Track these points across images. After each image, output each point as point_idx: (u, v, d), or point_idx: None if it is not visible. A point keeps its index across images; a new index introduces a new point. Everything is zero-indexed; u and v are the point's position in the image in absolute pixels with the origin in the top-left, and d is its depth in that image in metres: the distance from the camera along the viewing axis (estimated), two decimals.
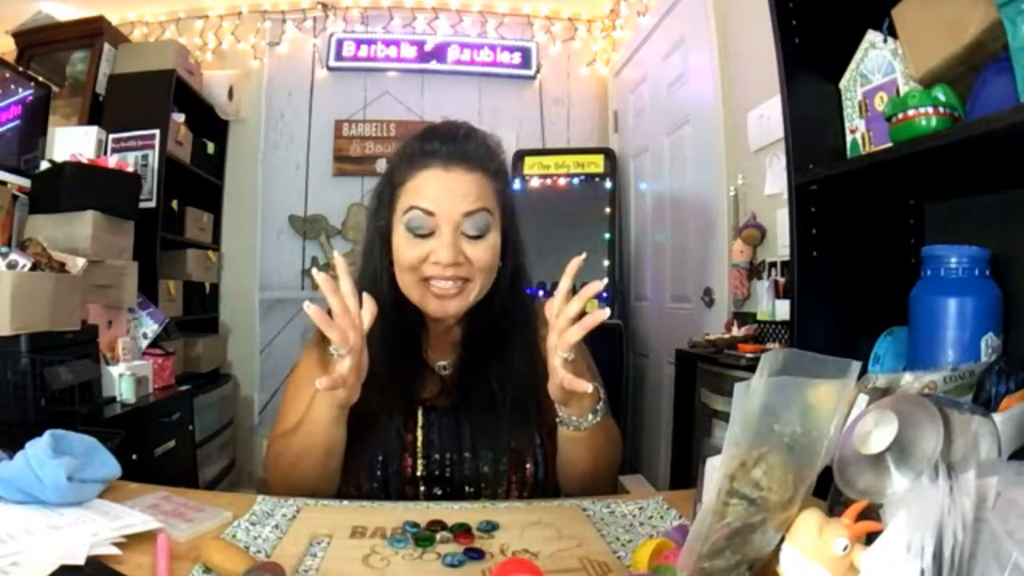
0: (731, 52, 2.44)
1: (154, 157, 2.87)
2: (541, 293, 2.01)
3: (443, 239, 0.89)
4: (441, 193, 0.89)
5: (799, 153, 1.14)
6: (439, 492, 0.94)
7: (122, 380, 2.27)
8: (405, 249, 0.91)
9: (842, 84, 1.15)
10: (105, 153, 2.72)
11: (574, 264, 0.81)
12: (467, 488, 0.94)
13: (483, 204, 0.90)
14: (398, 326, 0.96)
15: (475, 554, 0.68)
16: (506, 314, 0.98)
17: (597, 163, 3.34)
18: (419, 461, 0.94)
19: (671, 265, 3.00)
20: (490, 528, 0.75)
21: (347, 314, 0.81)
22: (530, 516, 0.79)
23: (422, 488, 0.94)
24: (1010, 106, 0.77)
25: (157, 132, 2.88)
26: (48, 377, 1.77)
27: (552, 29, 3.78)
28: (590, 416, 0.86)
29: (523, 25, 3.78)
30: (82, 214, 2.20)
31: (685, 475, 2.10)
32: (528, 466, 0.95)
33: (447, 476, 0.94)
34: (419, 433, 0.95)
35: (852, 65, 1.13)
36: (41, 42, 3.00)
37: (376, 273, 0.96)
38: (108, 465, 0.80)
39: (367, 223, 0.99)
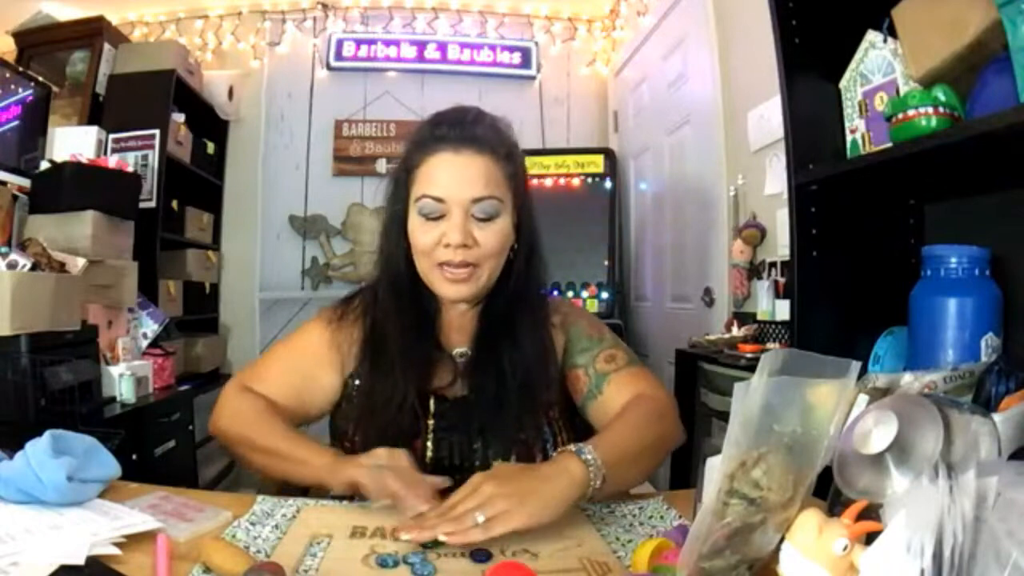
0: (731, 52, 2.44)
1: (154, 157, 2.87)
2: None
3: (453, 221, 0.91)
4: (451, 179, 0.92)
5: (799, 153, 1.15)
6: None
7: (122, 380, 2.26)
8: (419, 233, 0.94)
9: (842, 84, 1.15)
10: (105, 153, 2.72)
11: None
12: None
13: (491, 191, 0.93)
14: (414, 308, 0.99)
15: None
16: (521, 297, 1.00)
17: (597, 163, 3.34)
18: (428, 447, 0.95)
19: (671, 265, 3.00)
20: None
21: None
22: None
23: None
24: (1010, 106, 0.77)
25: (157, 132, 2.88)
26: (48, 377, 1.77)
27: (552, 29, 3.78)
28: (590, 489, 0.78)
29: (523, 25, 3.78)
30: (82, 214, 2.19)
31: (685, 475, 2.10)
32: (538, 458, 0.95)
33: (456, 464, 0.94)
34: (430, 421, 0.96)
35: (852, 65, 1.13)
36: (41, 42, 3.00)
37: (393, 256, 0.99)
38: (108, 465, 0.80)
39: (385, 206, 1.01)
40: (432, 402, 0.97)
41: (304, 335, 1.04)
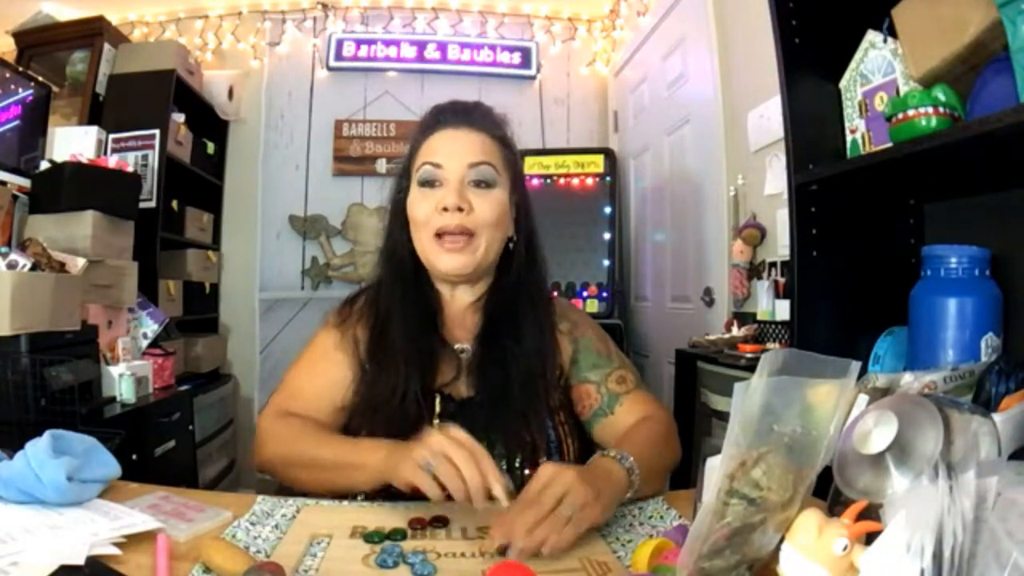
0: (731, 52, 2.44)
1: (154, 157, 2.87)
2: None
3: (450, 186, 0.95)
4: (449, 148, 0.97)
5: (799, 153, 1.15)
6: None
7: (122, 380, 2.26)
8: (417, 203, 0.97)
9: (842, 84, 1.15)
10: (105, 153, 2.71)
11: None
12: None
13: (487, 158, 0.97)
14: (418, 301, 1.00)
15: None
16: (522, 293, 1.02)
17: (597, 163, 3.34)
18: None
19: (671, 265, 3.00)
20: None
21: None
22: None
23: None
24: (1010, 106, 0.77)
25: (157, 132, 2.88)
26: (48, 377, 1.77)
27: (552, 29, 3.78)
28: (628, 494, 0.82)
29: (523, 25, 3.78)
30: (82, 214, 2.19)
31: (685, 475, 2.10)
32: (542, 460, 0.95)
33: None
34: (436, 421, 0.95)
35: (852, 65, 1.13)
36: (41, 42, 2.99)
37: (397, 247, 1.01)
38: (108, 465, 0.80)
39: (390, 200, 1.05)
40: (438, 401, 0.97)
41: (314, 345, 1.05)
